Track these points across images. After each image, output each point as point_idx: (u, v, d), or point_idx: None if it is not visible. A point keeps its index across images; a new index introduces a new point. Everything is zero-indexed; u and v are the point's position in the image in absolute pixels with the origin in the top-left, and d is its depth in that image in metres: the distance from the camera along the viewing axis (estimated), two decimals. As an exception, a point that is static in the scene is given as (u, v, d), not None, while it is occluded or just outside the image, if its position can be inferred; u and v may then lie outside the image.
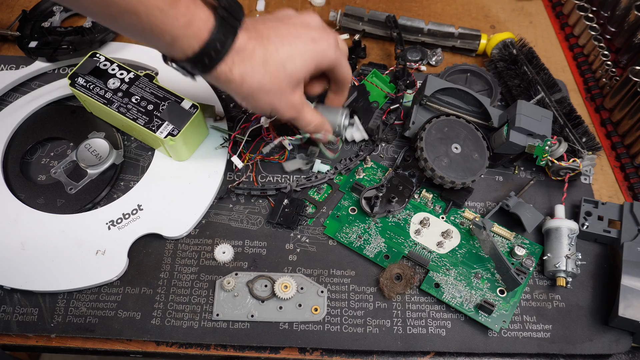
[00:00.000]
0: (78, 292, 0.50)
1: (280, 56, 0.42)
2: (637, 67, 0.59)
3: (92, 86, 0.54)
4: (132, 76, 0.55)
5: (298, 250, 0.53)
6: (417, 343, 0.49)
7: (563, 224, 0.52)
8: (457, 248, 0.53)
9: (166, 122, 0.53)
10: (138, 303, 0.50)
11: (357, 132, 0.58)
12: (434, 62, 0.67)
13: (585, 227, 0.54)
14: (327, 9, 0.72)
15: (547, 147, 0.53)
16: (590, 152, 0.57)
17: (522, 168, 0.60)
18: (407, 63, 0.65)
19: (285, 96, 0.44)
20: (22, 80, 0.62)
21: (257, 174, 0.58)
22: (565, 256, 0.51)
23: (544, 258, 0.52)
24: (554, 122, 0.58)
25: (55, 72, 0.64)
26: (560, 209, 0.54)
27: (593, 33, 0.68)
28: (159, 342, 0.49)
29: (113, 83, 0.55)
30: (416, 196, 0.56)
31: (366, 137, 0.58)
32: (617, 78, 0.63)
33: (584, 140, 0.57)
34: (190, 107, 0.54)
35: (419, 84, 0.62)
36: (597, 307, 0.51)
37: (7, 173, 0.56)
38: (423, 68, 0.67)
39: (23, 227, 0.52)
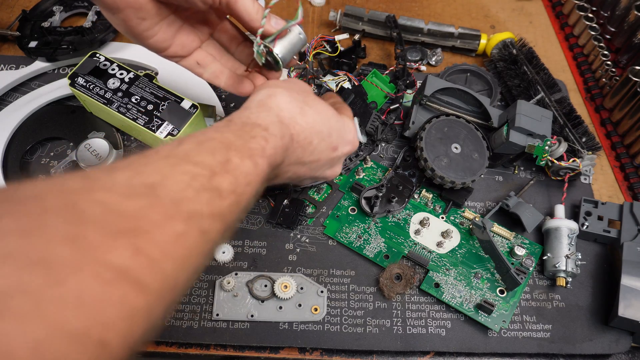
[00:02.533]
0: (78, 292, 0.50)
1: None
2: (637, 67, 0.59)
3: (92, 86, 0.54)
4: (132, 76, 0.55)
5: (298, 250, 0.53)
6: (417, 343, 0.49)
7: (563, 224, 0.52)
8: (457, 248, 0.53)
9: (166, 122, 0.53)
10: (138, 303, 0.50)
11: None
12: (434, 62, 0.67)
13: (585, 227, 0.54)
14: (327, 9, 0.72)
15: (547, 147, 0.53)
16: (590, 152, 0.57)
17: (522, 168, 0.60)
18: (407, 63, 0.65)
19: None
20: (22, 80, 0.62)
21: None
22: (565, 256, 0.51)
23: (544, 258, 0.52)
24: (554, 122, 0.58)
25: (55, 72, 0.64)
26: (560, 209, 0.54)
27: (593, 33, 0.68)
28: (158, 342, 0.49)
29: (113, 83, 0.55)
30: (416, 196, 0.56)
31: (362, 140, 0.58)
32: (617, 78, 0.63)
33: (583, 140, 0.57)
34: (190, 107, 0.54)
35: (418, 84, 0.62)
36: (597, 307, 0.51)
37: (7, 173, 0.56)
38: (423, 68, 0.67)
39: (23, 227, 0.52)
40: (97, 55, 0.56)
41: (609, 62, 0.65)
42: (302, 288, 0.51)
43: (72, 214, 0.21)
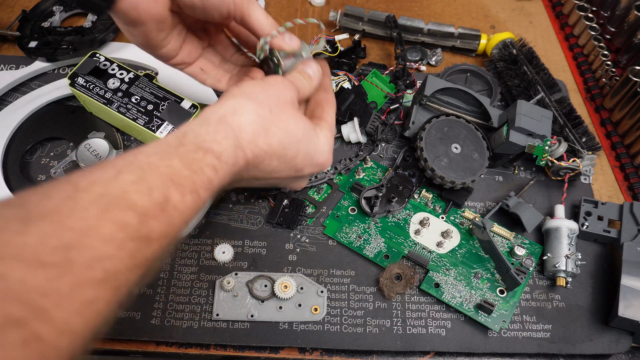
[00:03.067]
0: (78, 292, 0.50)
1: None
2: (637, 67, 0.59)
3: (92, 86, 0.55)
4: (132, 76, 0.55)
5: (298, 250, 0.53)
6: (417, 343, 0.49)
7: (563, 224, 0.52)
8: (457, 248, 0.53)
9: (166, 122, 0.53)
10: (138, 303, 0.50)
11: (353, 134, 0.58)
12: (434, 62, 0.67)
13: (585, 227, 0.54)
14: (327, 9, 0.72)
15: (547, 147, 0.53)
16: (590, 152, 0.57)
17: (522, 168, 0.60)
18: (407, 63, 0.65)
19: None
20: (22, 80, 0.62)
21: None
22: (565, 256, 0.51)
23: (544, 258, 0.52)
24: (554, 122, 0.58)
25: (55, 72, 0.64)
26: (560, 209, 0.54)
27: (593, 33, 0.68)
28: (158, 342, 0.49)
29: (113, 83, 0.55)
30: (416, 196, 0.56)
31: (362, 140, 0.58)
32: (617, 78, 0.63)
33: (583, 140, 0.57)
34: (190, 107, 0.54)
35: (418, 84, 0.62)
36: (597, 307, 0.51)
37: (7, 173, 0.56)
38: (423, 68, 0.67)
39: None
40: (97, 55, 0.56)
41: (609, 62, 0.65)
42: (302, 288, 0.51)
43: None
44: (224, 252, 0.52)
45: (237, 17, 0.39)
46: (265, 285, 0.51)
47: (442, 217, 0.55)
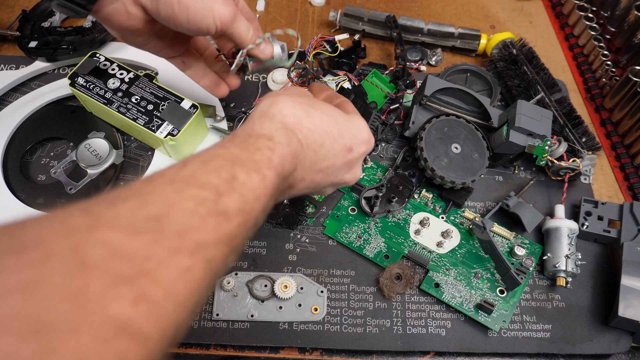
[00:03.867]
0: (78, 292, 0.50)
1: None
2: (637, 67, 0.59)
3: (92, 86, 0.54)
4: (132, 76, 0.55)
5: (298, 250, 0.53)
6: (417, 343, 0.49)
7: (563, 224, 0.52)
8: (457, 248, 0.53)
9: (166, 122, 0.53)
10: (138, 303, 0.50)
11: None
12: (434, 62, 0.67)
13: (585, 227, 0.54)
14: (327, 9, 0.72)
15: (547, 147, 0.53)
16: (590, 152, 0.57)
17: (522, 168, 0.60)
18: (407, 63, 0.65)
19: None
20: (22, 80, 0.62)
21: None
22: (565, 256, 0.51)
23: (544, 258, 0.52)
24: (554, 122, 0.58)
25: (55, 72, 0.64)
26: (560, 209, 0.54)
27: (593, 33, 0.68)
28: (158, 342, 0.49)
29: (113, 83, 0.55)
30: (416, 196, 0.56)
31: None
32: (617, 78, 0.63)
33: (583, 140, 0.57)
34: (190, 107, 0.54)
35: (419, 84, 0.62)
36: (597, 307, 0.51)
37: (7, 173, 0.56)
38: (423, 68, 0.67)
39: (23, 227, 0.52)
40: (97, 55, 0.56)
41: (609, 62, 0.65)
42: (302, 288, 0.51)
43: (74, 262, 0.21)
44: (224, 252, 0.52)
45: (218, 31, 0.43)
46: (265, 285, 0.51)
47: (442, 217, 0.55)
